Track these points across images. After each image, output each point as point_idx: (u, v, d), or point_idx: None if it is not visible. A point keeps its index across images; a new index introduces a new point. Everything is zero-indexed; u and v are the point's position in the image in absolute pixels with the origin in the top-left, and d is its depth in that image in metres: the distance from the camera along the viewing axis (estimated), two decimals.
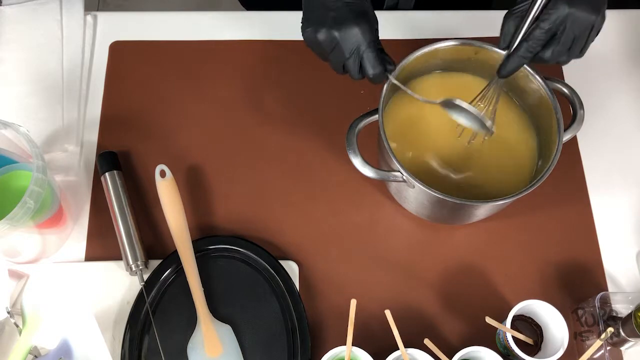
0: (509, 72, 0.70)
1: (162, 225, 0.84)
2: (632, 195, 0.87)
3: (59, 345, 0.70)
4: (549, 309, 0.73)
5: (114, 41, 0.96)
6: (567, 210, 0.86)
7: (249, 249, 0.80)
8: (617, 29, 0.99)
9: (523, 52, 0.68)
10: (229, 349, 0.76)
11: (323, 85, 0.93)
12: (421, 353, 0.71)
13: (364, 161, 0.73)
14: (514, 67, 0.70)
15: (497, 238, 0.84)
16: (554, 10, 0.65)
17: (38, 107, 0.90)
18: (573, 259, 0.83)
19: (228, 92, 0.93)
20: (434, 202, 0.76)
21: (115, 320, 0.78)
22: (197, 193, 0.86)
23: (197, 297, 0.77)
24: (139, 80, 0.93)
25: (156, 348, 0.76)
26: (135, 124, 0.90)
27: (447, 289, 0.81)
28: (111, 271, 0.81)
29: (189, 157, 0.88)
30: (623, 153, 0.90)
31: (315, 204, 0.86)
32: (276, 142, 0.89)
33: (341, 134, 0.76)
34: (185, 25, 0.98)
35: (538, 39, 0.67)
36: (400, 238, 0.85)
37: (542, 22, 0.66)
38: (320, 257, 0.83)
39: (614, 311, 0.77)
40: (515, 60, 0.69)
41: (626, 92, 0.94)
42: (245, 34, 0.97)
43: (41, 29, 0.94)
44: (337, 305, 0.79)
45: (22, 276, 0.79)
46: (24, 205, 0.68)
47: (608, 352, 0.76)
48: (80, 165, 0.87)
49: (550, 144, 0.75)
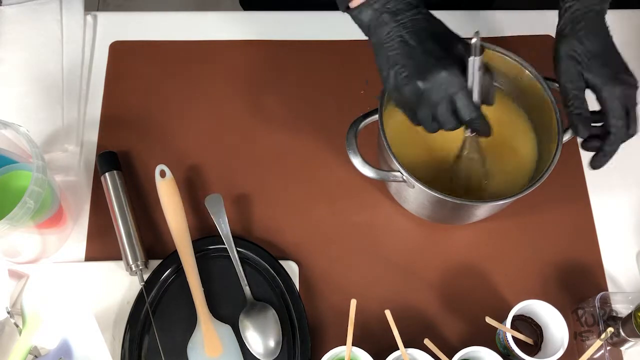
0: (602, 164, 0.72)
1: (162, 225, 0.84)
2: (632, 195, 0.87)
3: (59, 345, 0.70)
4: (549, 309, 0.73)
5: (114, 41, 0.96)
6: (567, 210, 0.86)
7: (249, 249, 0.80)
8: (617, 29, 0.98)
9: (610, 145, 0.70)
10: (229, 349, 0.76)
11: (323, 86, 0.93)
12: (421, 353, 0.71)
13: (364, 161, 0.73)
14: (608, 160, 0.71)
15: (497, 238, 0.84)
16: (614, 95, 0.67)
17: (38, 107, 0.90)
18: (573, 259, 0.83)
19: (228, 92, 0.93)
20: (434, 202, 0.76)
21: (115, 320, 0.78)
22: (197, 193, 0.86)
23: (197, 297, 0.77)
24: (139, 80, 0.93)
25: (156, 348, 0.76)
26: (135, 124, 0.90)
27: (447, 289, 0.81)
28: (111, 271, 0.81)
29: (189, 157, 0.88)
30: (623, 153, 0.89)
31: (315, 204, 0.86)
32: (276, 142, 0.89)
33: (341, 134, 0.76)
34: (185, 25, 0.98)
35: (622, 129, 0.68)
36: (400, 238, 0.85)
37: (613, 111, 0.67)
38: (320, 257, 0.83)
39: (614, 311, 0.77)
40: (608, 155, 0.71)
41: None
42: (245, 34, 0.97)
43: (41, 29, 0.94)
44: (337, 305, 0.79)
45: (22, 276, 0.79)
46: (24, 205, 0.68)
47: (608, 352, 0.76)
48: (80, 165, 0.87)
49: (550, 144, 0.75)
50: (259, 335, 0.76)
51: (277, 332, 0.76)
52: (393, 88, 0.65)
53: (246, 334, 0.76)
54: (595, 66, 0.68)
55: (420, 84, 0.63)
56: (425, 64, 0.63)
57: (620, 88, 0.67)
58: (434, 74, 0.62)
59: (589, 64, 0.68)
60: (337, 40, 0.96)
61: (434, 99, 0.63)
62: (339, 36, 0.95)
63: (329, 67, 0.94)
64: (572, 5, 0.69)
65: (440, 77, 0.62)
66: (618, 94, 0.67)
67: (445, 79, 0.62)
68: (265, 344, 0.76)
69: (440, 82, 0.62)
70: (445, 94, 0.63)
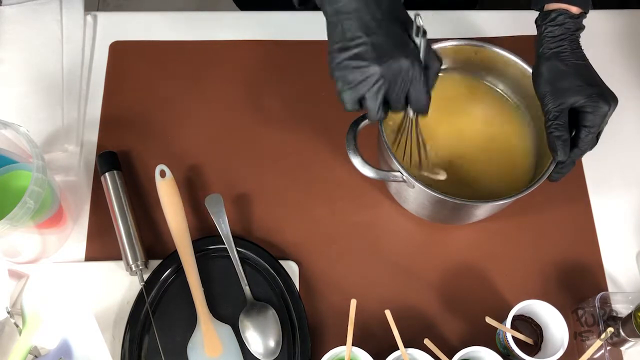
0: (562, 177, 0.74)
1: (162, 225, 0.84)
2: (632, 195, 0.87)
3: (59, 345, 0.70)
4: (549, 309, 0.73)
5: (114, 41, 0.96)
6: (567, 210, 0.86)
7: (249, 249, 0.80)
8: (617, 29, 0.99)
9: (574, 158, 0.72)
10: (229, 349, 0.76)
11: (323, 85, 0.92)
12: (421, 353, 0.71)
13: (364, 161, 0.73)
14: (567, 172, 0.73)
15: (497, 238, 0.84)
16: (599, 112, 0.69)
17: (38, 107, 0.90)
18: (573, 259, 0.83)
19: (228, 92, 0.93)
20: (434, 202, 0.76)
21: (115, 320, 0.78)
22: (197, 193, 0.86)
23: (197, 297, 0.77)
24: (139, 80, 0.93)
25: (156, 348, 0.76)
26: (135, 124, 0.90)
27: (447, 289, 0.81)
28: (111, 271, 0.81)
29: (189, 157, 0.88)
30: (623, 153, 0.90)
31: (315, 204, 0.86)
32: (276, 142, 0.89)
33: (341, 134, 0.76)
34: (185, 25, 0.98)
35: (591, 143, 0.71)
36: (400, 238, 0.85)
37: (591, 127, 0.70)
38: (320, 257, 0.83)
39: (614, 311, 0.77)
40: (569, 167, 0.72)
41: (626, 92, 0.93)
42: (245, 34, 0.97)
43: (41, 29, 0.94)
44: (337, 305, 0.79)
45: (22, 276, 0.79)
46: (24, 205, 0.68)
47: (608, 352, 0.76)
48: (80, 165, 0.87)
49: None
50: (259, 335, 0.76)
51: (277, 332, 0.76)
52: (339, 65, 0.63)
53: (246, 334, 0.76)
54: (577, 85, 0.70)
55: (377, 68, 0.62)
56: (385, 47, 0.62)
57: (604, 107, 0.69)
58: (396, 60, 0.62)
59: (571, 82, 0.70)
60: None
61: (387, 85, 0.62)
62: None
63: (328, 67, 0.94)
64: (553, 30, 0.72)
65: (401, 64, 0.62)
66: (601, 112, 0.69)
67: (406, 66, 0.62)
68: (265, 344, 0.76)
69: (400, 70, 0.62)
70: (403, 82, 0.63)
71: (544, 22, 0.72)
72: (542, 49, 0.73)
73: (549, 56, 0.72)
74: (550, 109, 0.71)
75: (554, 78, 0.71)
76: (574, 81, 0.70)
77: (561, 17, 0.71)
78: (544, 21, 0.73)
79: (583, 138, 0.70)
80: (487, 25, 0.97)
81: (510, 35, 0.96)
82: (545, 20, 0.72)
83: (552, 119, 0.70)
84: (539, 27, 0.74)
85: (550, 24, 0.72)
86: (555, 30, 0.72)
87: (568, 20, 0.71)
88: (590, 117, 0.69)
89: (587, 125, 0.70)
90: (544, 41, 0.72)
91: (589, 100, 0.69)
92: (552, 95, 0.71)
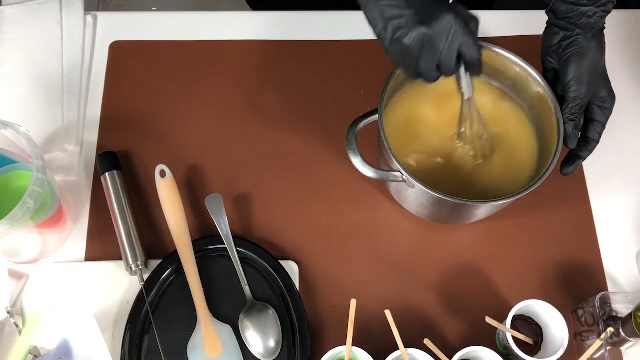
0: (574, 171, 0.76)
1: (162, 225, 0.84)
2: (632, 195, 0.87)
3: (59, 345, 0.70)
4: (549, 309, 0.73)
5: (114, 41, 0.96)
6: (567, 210, 0.86)
7: (249, 249, 0.80)
8: (617, 29, 0.99)
9: (586, 154, 0.75)
10: (229, 349, 0.76)
11: (323, 85, 0.93)
12: (421, 353, 0.71)
13: (364, 161, 0.73)
14: (577, 167, 0.76)
15: (497, 238, 0.84)
16: (611, 108, 0.73)
17: (38, 107, 0.90)
18: (573, 259, 0.83)
19: (228, 92, 0.93)
20: (434, 202, 0.76)
21: (115, 320, 0.78)
22: (197, 193, 0.86)
23: (197, 297, 0.77)
24: (139, 80, 0.93)
25: (156, 348, 0.76)
26: (135, 124, 0.90)
27: (447, 289, 0.81)
28: (111, 271, 0.81)
29: (189, 157, 0.88)
30: (623, 153, 0.90)
31: (315, 204, 0.86)
32: (276, 142, 0.89)
33: (341, 134, 0.76)
34: (185, 25, 0.98)
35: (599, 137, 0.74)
36: (400, 238, 0.85)
37: (604, 123, 0.74)
38: (320, 257, 0.83)
39: (614, 311, 0.77)
40: (579, 162, 0.75)
41: (626, 92, 0.94)
42: (245, 34, 0.97)
43: (41, 29, 0.94)
44: (337, 305, 0.79)
45: (22, 276, 0.79)
46: (24, 205, 0.68)
47: (608, 352, 0.76)
48: (80, 165, 0.87)
49: (550, 144, 0.75)
50: (259, 335, 0.76)
51: (277, 332, 0.76)
52: (391, 41, 0.62)
53: (246, 334, 0.76)
54: (599, 79, 0.73)
55: (424, 30, 0.60)
56: (426, 10, 0.60)
57: (614, 103, 0.74)
58: (440, 19, 0.60)
59: (598, 76, 0.73)
60: (337, 40, 0.96)
61: (440, 45, 0.61)
62: (339, 36, 0.96)
63: (329, 67, 0.94)
64: (588, 21, 0.73)
65: (446, 21, 0.60)
66: (612, 108, 0.74)
67: (452, 22, 0.60)
68: (265, 344, 0.76)
69: (447, 26, 0.60)
70: (454, 38, 0.60)
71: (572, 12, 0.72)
72: (570, 41, 0.73)
73: (582, 48, 0.73)
74: (574, 96, 0.72)
75: (586, 68, 0.72)
76: (600, 75, 0.73)
77: (593, 9, 0.72)
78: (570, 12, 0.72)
79: (599, 132, 0.74)
80: (487, 26, 0.97)
81: (510, 35, 0.96)
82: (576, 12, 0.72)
83: (574, 106, 0.72)
84: (564, 19, 0.73)
85: (586, 16, 0.72)
86: (589, 22, 0.72)
87: (598, 12, 0.72)
88: (607, 112, 0.73)
89: (598, 120, 0.73)
90: (574, 33, 0.73)
91: (609, 95, 0.72)
92: (578, 83, 0.72)
